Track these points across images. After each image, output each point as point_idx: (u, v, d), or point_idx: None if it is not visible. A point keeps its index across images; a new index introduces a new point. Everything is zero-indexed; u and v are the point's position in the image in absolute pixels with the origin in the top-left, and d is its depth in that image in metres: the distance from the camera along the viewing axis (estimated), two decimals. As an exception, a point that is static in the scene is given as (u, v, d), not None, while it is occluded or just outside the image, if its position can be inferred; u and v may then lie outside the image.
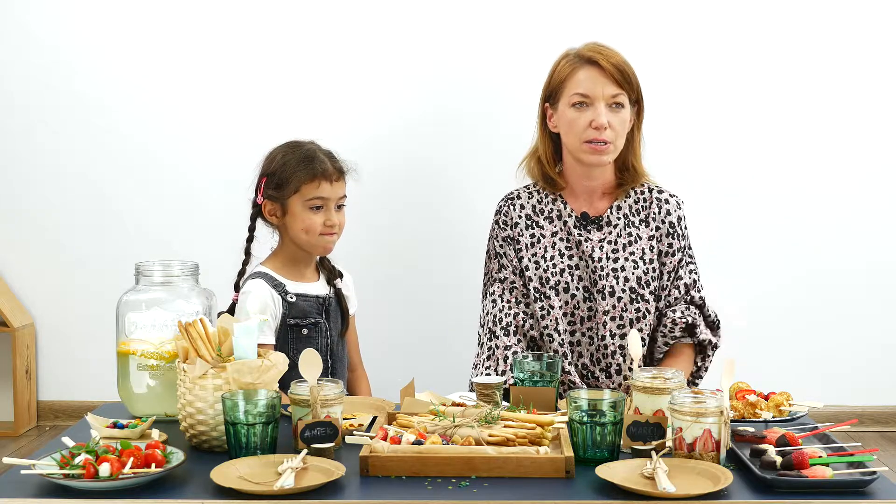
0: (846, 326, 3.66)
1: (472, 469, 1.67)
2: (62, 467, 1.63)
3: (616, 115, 2.40)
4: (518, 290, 2.47)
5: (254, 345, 1.87)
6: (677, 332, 2.43)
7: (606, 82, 2.39)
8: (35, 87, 3.63)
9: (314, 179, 2.36)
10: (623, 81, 2.40)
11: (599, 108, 2.39)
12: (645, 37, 3.49)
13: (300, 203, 2.36)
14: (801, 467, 1.64)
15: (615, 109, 2.40)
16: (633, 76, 2.43)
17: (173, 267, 2.12)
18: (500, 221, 2.51)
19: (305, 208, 2.36)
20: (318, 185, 2.36)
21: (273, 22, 3.57)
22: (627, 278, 2.43)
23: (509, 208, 2.51)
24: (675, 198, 2.53)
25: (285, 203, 2.38)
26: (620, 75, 2.40)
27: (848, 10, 3.56)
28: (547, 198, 2.50)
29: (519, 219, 2.49)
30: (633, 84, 2.43)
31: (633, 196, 2.50)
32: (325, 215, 2.38)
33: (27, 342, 3.68)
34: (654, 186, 2.52)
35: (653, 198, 2.50)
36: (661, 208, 2.50)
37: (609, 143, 2.40)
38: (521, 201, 2.51)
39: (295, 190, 2.36)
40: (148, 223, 3.65)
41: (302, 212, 2.37)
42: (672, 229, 2.49)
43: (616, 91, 2.40)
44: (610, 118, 2.39)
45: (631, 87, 2.42)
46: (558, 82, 2.45)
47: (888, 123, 3.61)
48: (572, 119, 2.42)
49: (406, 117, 3.58)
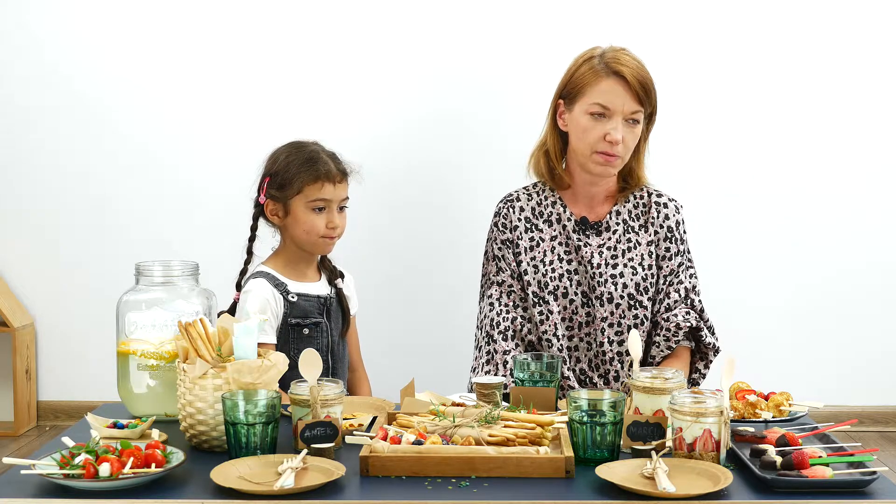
0: (846, 326, 3.66)
1: (472, 469, 1.67)
2: (62, 467, 1.63)
3: (631, 130, 2.37)
4: (516, 294, 2.46)
5: (254, 345, 1.87)
6: (680, 336, 2.42)
7: (628, 98, 2.35)
8: (35, 86, 3.63)
9: (317, 181, 2.35)
10: (644, 98, 2.36)
11: (617, 122, 2.35)
12: (647, 40, 3.49)
13: (302, 204, 2.36)
14: (801, 467, 1.64)
15: (631, 125, 2.37)
16: (654, 90, 2.39)
17: (173, 267, 2.12)
18: (500, 224, 2.50)
19: (308, 209, 2.36)
20: (322, 186, 2.35)
21: (273, 22, 3.57)
22: (626, 284, 2.42)
23: (509, 210, 2.49)
24: (675, 202, 2.51)
25: (287, 203, 2.37)
26: (644, 91, 2.36)
27: (852, 12, 3.56)
28: (546, 200, 2.49)
29: (518, 221, 2.48)
30: (653, 99, 2.40)
31: (632, 201, 2.49)
32: (327, 217, 2.37)
33: (27, 342, 3.68)
34: (653, 191, 2.51)
35: (651, 202, 2.49)
36: (660, 213, 2.48)
37: (619, 158, 2.38)
38: (521, 203, 2.50)
39: (298, 191, 2.35)
40: (148, 223, 3.65)
41: (304, 213, 2.36)
42: (671, 233, 2.47)
43: (636, 108, 2.36)
44: (625, 133, 2.36)
45: (650, 103, 2.39)
46: (579, 85, 2.39)
47: (887, 125, 3.61)
48: (587, 127, 2.38)
49: (406, 118, 3.58)
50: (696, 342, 2.46)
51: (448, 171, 3.60)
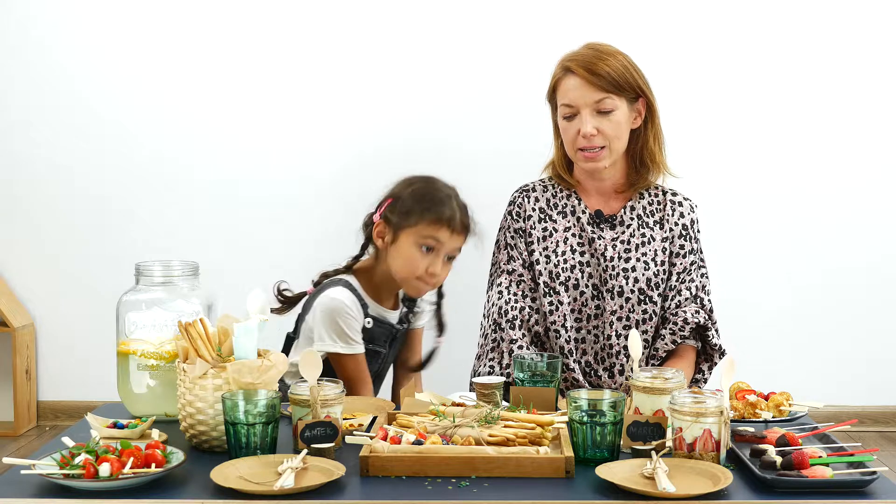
0: (846, 327, 3.66)
1: (472, 469, 1.67)
2: (62, 467, 1.63)
3: (606, 118, 2.37)
4: (525, 284, 2.46)
5: (254, 345, 1.87)
6: (687, 332, 2.41)
7: (587, 89, 2.36)
8: (35, 87, 3.63)
9: (437, 221, 2.29)
10: (607, 85, 2.35)
11: (584, 116, 2.37)
12: (650, 41, 3.49)
13: (413, 238, 2.29)
14: (801, 467, 1.64)
15: (604, 114, 2.37)
16: (622, 75, 2.36)
17: (173, 267, 2.12)
18: (513, 213, 2.50)
19: (415, 246, 2.30)
20: (439, 228, 2.29)
21: (274, 26, 3.57)
22: (637, 279, 2.42)
23: (523, 200, 2.50)
24: (689, 201, 2.52)
25: (398, 232, 2.30)
26: (600, 80, 2.35)
27: (854, 16, 3.56)
28: (561, 192, 2.50)
29: (532, 211, 2.48)
30: (624, 83, 2.37)
31: (647, 198, 2.49)
32: (431, 260, 2.31)
33: (27, 342, 3.68)
34: (668, 189, 2.51)
35: (667, 200, 2.50)
36: (675, 211, 2.49)
37: (603, 148, 2.39)
38: (536, 194, 2.51)
39: (414, 223, 2.29)
40: (148, 223, 3.64)
41: (410, 248, 2.30)
42: (685, 231, 2.48)
43: (600, 96, 2.36)
44: (598, 123, 2.37)
45: (620, 88, 2.37)
46: (551, 91, 2.47)
47: (891, 128, 3.61)
48: (564, 129, 2.43)
49: (406, 119, 3.58)
50: (702, 342, 2.46)
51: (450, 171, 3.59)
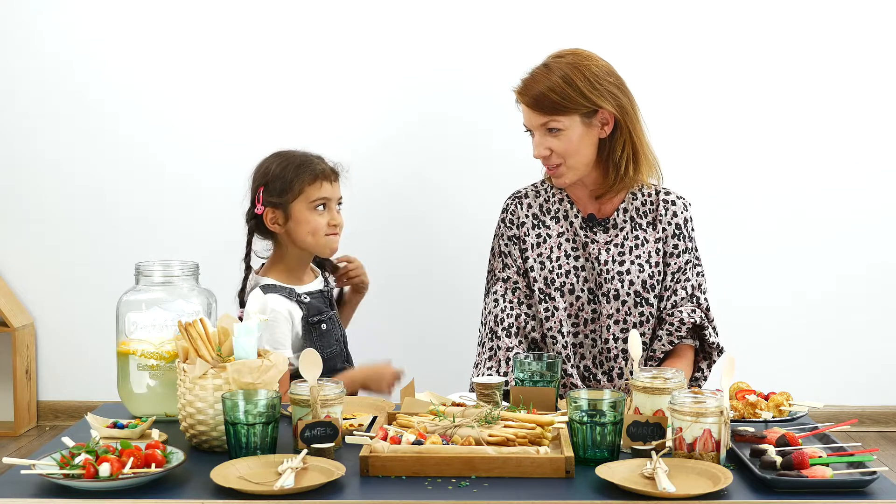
0: (846, 327, 3.66)
1: (472, 469, 1.67)
2: (62, 467, 1.63)
3: (555, 138, 2.38)
4: (521, 291, 2.46)
5: (254, 345, 1.87)
6: (684, 332, 2.41)
7: (531, 114, 2.39)
8: (35, 88, 3.63)
9: (316, 180, 2.38)
10: (547, 107, 2.35)
11: (536, 138, 2.41)
12: (649, 42, 3.49)
13: (304, 206, 2.38)
14: (801, 467, 1.64)
15: (553, 133, 2.38)
16: (560, 95, 2.33)
17: (173, 267, 2.12)
18: (507, 220, 2.50)
19: (310, 210, 2.38)
20: (321, 185, 2.38)
21: (272, 27, 3.58)
22: (632, 282, 2.42)
23: (516, 207, 2.50)
24: (683, 199, 2.51)
25: (288, 208, 2.38)
26: (538, 104, 2.36)
27: (854, 17, 3.56)
28: (554, 197, 2.49)
29: (525, 218, 2.48)
30: (568, 102, 2.34)
31: (639, 198, 2.48)
32: (328, 215, 2.40)
33: (27, 342, 3.68)
34: (661, 189, 2.50)
35: (660, 200, 2.48)
36: (668, 210, 2.48)
37: (559, 166, 2.40)
38: (529, 200, 2.50)
39: (299, 192, 2.37)
40: (148, 223, 3.65)
41: (307, 214, 2.38)
42: (679, 230, 2.47)
43: (543, 119, 2.37)
44: (549, 143, 2.38)
45: (562, 108, 2.35)
46: None
47: (891, 129, 3.61)
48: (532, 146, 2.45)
49: (404, 122, 3.59)
50: (699, 341, 2.46)
51: (448, 172, 3.60)
